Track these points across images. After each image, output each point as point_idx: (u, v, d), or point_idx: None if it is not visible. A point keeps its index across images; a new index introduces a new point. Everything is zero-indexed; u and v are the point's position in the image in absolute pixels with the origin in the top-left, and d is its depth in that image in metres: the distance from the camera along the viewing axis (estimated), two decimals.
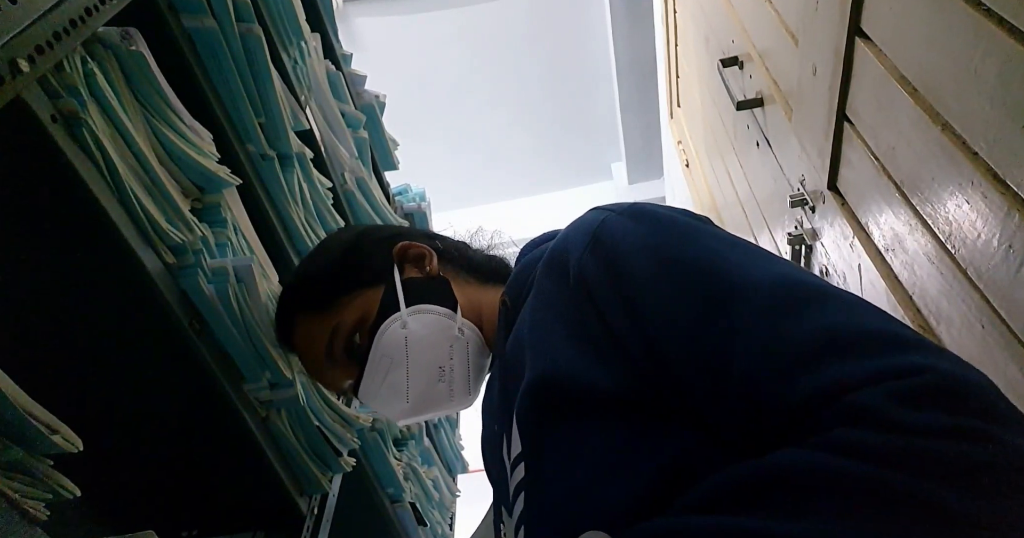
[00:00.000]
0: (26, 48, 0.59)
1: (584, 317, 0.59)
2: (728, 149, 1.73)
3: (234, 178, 0.93)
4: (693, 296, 0.53)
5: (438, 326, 0.76)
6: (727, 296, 0.51)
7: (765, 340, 0.48)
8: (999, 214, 0.63)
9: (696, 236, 0.59)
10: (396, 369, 0.75)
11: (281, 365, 0.92)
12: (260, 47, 1.02)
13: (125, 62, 0.77)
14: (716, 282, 0.52)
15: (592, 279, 0.59)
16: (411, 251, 0.81)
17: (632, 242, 0.59)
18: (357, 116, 1.56)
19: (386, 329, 0.75)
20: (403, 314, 0.75)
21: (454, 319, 0.76)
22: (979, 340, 0.71)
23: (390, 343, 0.75)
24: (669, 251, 0.57)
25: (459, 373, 0.76)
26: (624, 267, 0.57)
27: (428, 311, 0.76)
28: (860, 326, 0.46)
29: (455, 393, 0.77)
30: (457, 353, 0.76)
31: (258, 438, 0.90)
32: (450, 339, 0.76)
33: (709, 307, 0.51)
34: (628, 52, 3.75)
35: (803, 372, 0.45)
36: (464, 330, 0.77)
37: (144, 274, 0.73)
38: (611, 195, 4.31)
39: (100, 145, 0.69)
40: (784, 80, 1.22)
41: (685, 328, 0.52)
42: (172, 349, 0.80)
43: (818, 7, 0.98)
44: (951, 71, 0.69)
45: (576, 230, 0.65)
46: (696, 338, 0.51)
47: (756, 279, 0.52)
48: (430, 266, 0.80)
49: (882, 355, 0.44)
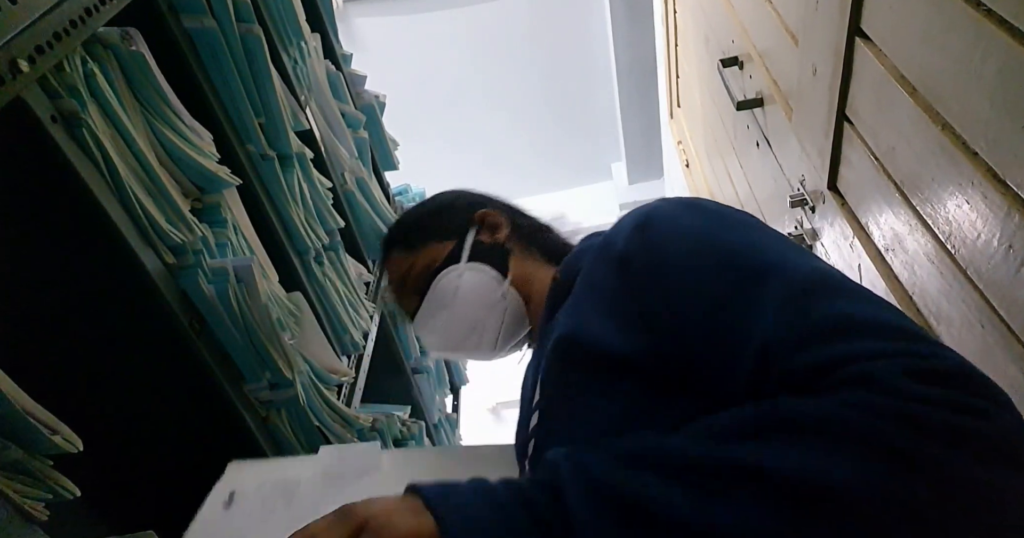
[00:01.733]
0: (26, 48, 0.59)
1: (617, 290, 0.64)
2: (728, 149, 1.73)
3: (234, 178, 0.93)
4: (729, 271, 0.56)
5: (486, 286, 0.85)
6: (763, 273, 0.54)
7: (791, 315, 0.50)
8: (999, 214, 0.63)
9: (742, 226, 0.63)
10: (443, 311, 0.86)
11: (281, 365, 0.92)
12: (260, 47, 1.02)
13: (125, 62, 0.77)
14: (754, 261, 0.56)
15: (634, 255, 0.63)
16: (489, 219, 0.91)
17: (680, 224, 0.63)
18: (357, 116, 1.56)
19: (444, 276, 0.86)
20: (460, 267, 0.86)
21: (501, 284, 0.86)
22: (979, 340, 0.71)
23: (444, 288, 0.86)
24: (713, 233, 0.61)
25: (491, 330, 0.86)
26: (667, 244, 0.62)
27: (482, 271, 0.86)
28: (881, 318, 0.49)
29: (482, 345, 0.87)
30: (495, 313, 0.85)
31: (258, 438, 0.90)
32: (493, 299, 0.85)
33: (743, 280, 0.55)
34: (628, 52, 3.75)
35: (820, 343, 0.48)
36: (507, 296, 0.86)
37: (144, 274, 0.73)
38: (611, 195, 4.31)
39: (100, 145, 0.69)
40: (784, 80, 1.22)
41: (716, 297, 0.55)
42: (172, 349, 0.80)
43: (818, 7, 0.98)
44: (951, 71, 0.69)
45: (631, 215, 0.69)
46: (725, 306, 0.54)
47: (794, 264, 0.55)
48: (500, 235, 0.89)
49: (896, 340, 0.47)
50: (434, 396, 1.96)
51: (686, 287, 0.58)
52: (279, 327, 0.93)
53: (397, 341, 1.71)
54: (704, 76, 1.88)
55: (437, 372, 1.99)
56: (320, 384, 1.10)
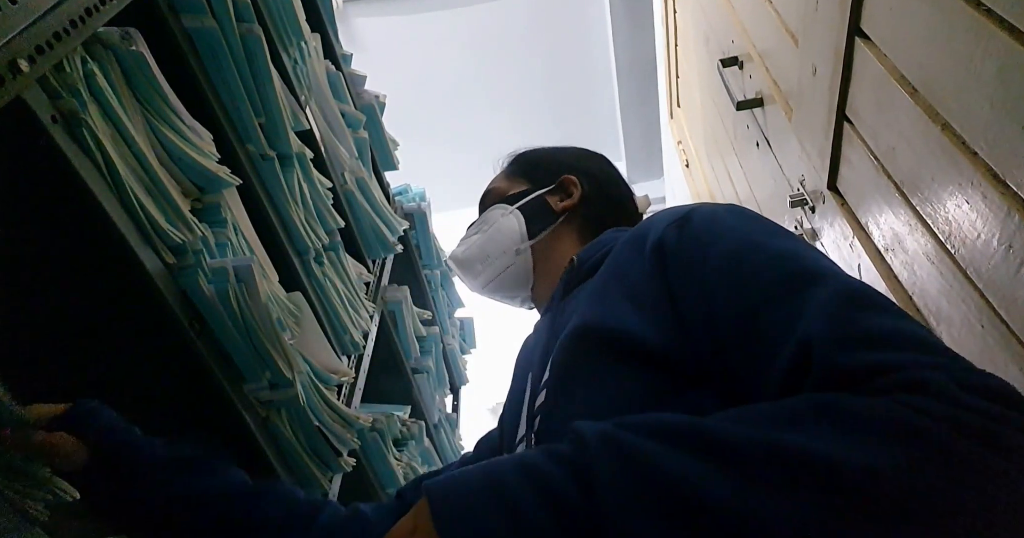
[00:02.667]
0: (26, 48, 0.59)
1: (649, 281, 0.64)
2: (728, 149, 1.73)
3: (234, 178, 0.93)
4: (774, 272, 0.56)
5: (510, 235, 0.94)
6: (810, 278, 0.54)
7: (839, 319, 0.50)
8: (999, 214, 0.63)
9: (783, 233, 0.63)
10: (478, 233, 0.97)
11: (281, 365, 0.92)
12: (260, 47, 1.02)
13: (125, 62, 0.77)
14: (799, 266, 0.56)
15: (672, 247, 0.64)
16: (567, 186, 0.97)
17: (722, 223, 0.64)
18: (357, 116, 1.56)
19: (497, 208, 0.97)
20: (509, 209, 0.95)
21: (524, 241, 0.93)
22: (979, 340, 0.71)
23: (488, 217, 0.97)
24: (757, 236, 0.61)
25: (490, 270, 0.95)
26: (709, 240, 0.62)
27: (518, 221, 0.95)
28: (929, 337, 0.49)
29: (477, 277, 0.96)
30: (502, 260, 0.94)
31: (258, 438, 0.90)
32: (507, 248, 0.94)
33: (789, 282, 0.55)
34: (628, 52, 3.75)
35: (871, 348, 0.48)
36: (521, 254, 0.93)
37: (144, 274, 0.73)
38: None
39: (100, 145, 0.68)
40: (784, 80, 1.22)
41: (760, 296, 0.55)
42: (172, 349, 0.80)
43: (818, 7, 0.98)
44: (951, 71, 0.69)
45: (668, 211, 0.70)
46: (768, 305, 0.55)
47: (839, 275, 0.55)
48: (563, 204, 0.95)
49: (944, 357, 0.47)
50: (434, 396, 1.96)
51: (729, 283, 0.58)
52: (279, 327, 0.93)
53: (397, 341, 1.71)
54: (704, 76, 1.88)
55: (437, 372, 1.99)
56: (320, 384, 1.10)
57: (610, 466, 0.45)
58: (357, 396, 1.30)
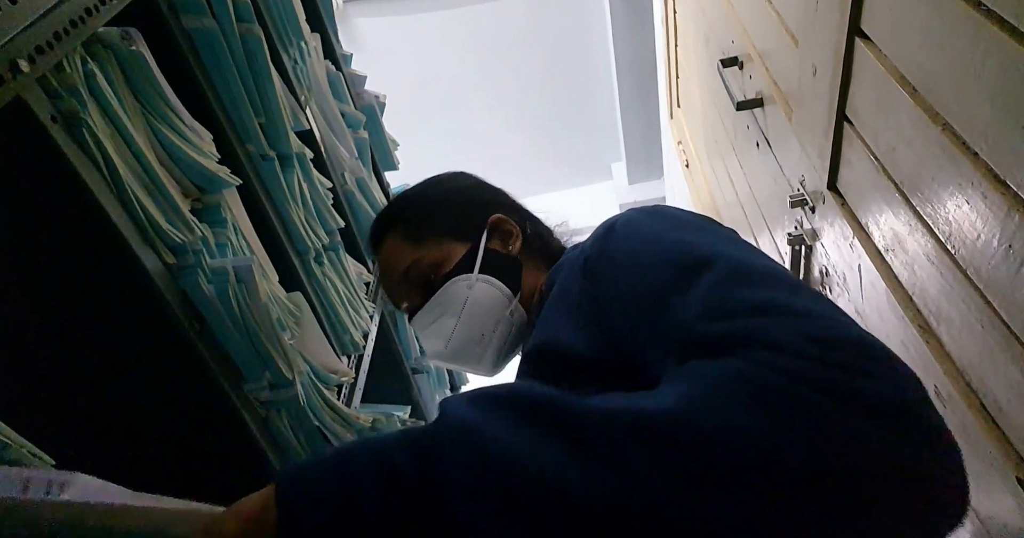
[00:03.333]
0: (26, 48, 0.59)
1: (580, 295, 0.66)
2: (728, 149, 1.73)
3: (234, 178, 0.93)
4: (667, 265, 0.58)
5: (495, 301, 0.85)
6: (698, 266, 0.56)
7: (716, 296, 0.52)
8: (999, 214, 0.63)
9: (692, 227, 0.64)
10: (448, 318, 0.85)
11: (281, 365, 0.92)
12: (260, 47, 1.02)
13: (125, 62, 0.77)
14: (691, 255, 0.57)
15: (594, 260, 0.66)
16: (504, 226, 0.89)
17: (636, 228, 0.66)
18: (357, 116, 1.56)
19: (455, 283, 0.85)
20: (473, 278, 0.85)
21: (511, 301, 0.85)
22: (979, 340, 0.71)
23: (453, 295, 0.85)
24: (661, 234, 0.63)
25: (495, 346, 0.86)
26: (621, 246, 0.64)
27: (493, 285, 0.85)
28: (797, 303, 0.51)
29: (483, 360, 0.87)
30: (500, 329, 0.85)
31: (258, 438, 0.90)
32: (500, 316, 0.85)
33: (680, 273, 0.57)
34: (628, 52, 3.75)
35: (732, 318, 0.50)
36: (515, 314, 0.86)
37: (144, 274, 0.73)
38: (611, 195, 4.31)
39: (100, 145, 0.68)
40: (784, 80, 1.22)
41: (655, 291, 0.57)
42: (172, 349, 0.80)
43: (818, 7, 0.98)
44: (951, 71, 0.69)
45: (601, 224, 0.72)
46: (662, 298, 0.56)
47: (728, 256, 0.56)
48: (512, 246, 0.89)
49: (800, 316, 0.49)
50: (434, 396, 1.95)
51: (630, 283, 0.60)
52: (279, 327, 0.93)
53: (397, 341, 1.71)
54: (704, 76, 1.88)
55: (437, 372, 1.99)
56: (320, 384, 1.10)
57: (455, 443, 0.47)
58: (357, 396, 1.30)
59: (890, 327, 0.90)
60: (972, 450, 0.75)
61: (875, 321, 0.95)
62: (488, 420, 0.48)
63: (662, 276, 0.58)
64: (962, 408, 0.75)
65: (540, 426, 0.46)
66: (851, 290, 1.03)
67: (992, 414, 0.71)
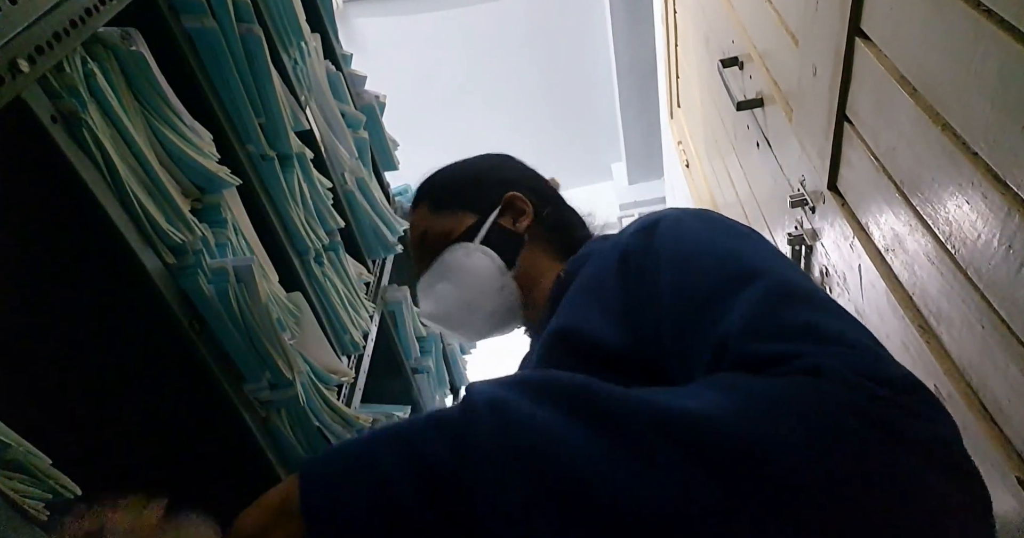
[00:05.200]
0: (26, 48, 0.59)
1: (614, 287, 0.65)
2: (728, 149, 1.73)
3: (234, 178, 0.93)
4: (714, 273, 0.58)
5: (488, 273, 0.86)
6: (746, 278, 0.55)
7: (760, 315, 0.52)
8: (999, 214, 0.63)
9: (740, 236, 0.64)
10: (444, 283, 0.88)
11: (281, 365, 0.92)
12: (260, 47, 1.02)
13: (125, 62, 0.77)
14: (739, 267, 0.57)
15: (634, 255, 0.65)
16: (517, 204, 0.90)
17: (682, 229, 0.65)
18: (357, 116, 1.55)
19: (455, 249, 0.88)
20: (471, 247, 0.87)
21: (504, 275, 0.86)
22: (979, 340, 0.71)
23: (450, 261, 0.88)
24: (709, 239, 0.63)
25: (480, 315, 0.87)
26: (666, 245, 0.63)
27: (489, 257, 0.86)
28: (846, 332, 0.50)
29: (467, 327, 0.89)
30: (489, 301, 0.86)
31: (258, 438, 0.90)
32: (491, 288, 0.86)
33: (726, 283, 0.56)
34: (628, 52, 3.75)
35: (781, 340, 0.50)
36: (506, 289, 0.87)
37: (144, 274, 0.73)
38: (611, 195, 4.31)
39: (100, 145, 0.68)
40: (784, 80, 1.22)
41: (698, 297, 0.57)
42: (172, 349, 0.80)
43: (818, 7, 0.98)
44: (951, 71, 0.69)
45: (641, 219, 0.71)
46: (704, 306, 0.56)
47: (778, 273, 0.56)
48: (521, 224, 0.89)
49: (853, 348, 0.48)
50: (434, 396, 1.95)
51: (676, 286, 0.59)
52: (279, 327, 0.93)
53: (397, 341, 1.70)
54: (704, 76, 1.88)
55: (437, 372, 1.99)
56: (320, 384, 1.10)
57: (489, 434, 0.46)
58: (357, 396, 1.30)
59: (890, 327, 0.90)
60: (972, 450, 0.74)
61: (875, 321, 0.95)
62: (525, 404, 0.46)
63: (708, 283, 0.57)
64: (962, 408, 0.75)
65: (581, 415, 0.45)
66: (851, 290, 1.03)
67: (992, 414, 0.71)
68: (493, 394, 0.48)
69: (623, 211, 4.23)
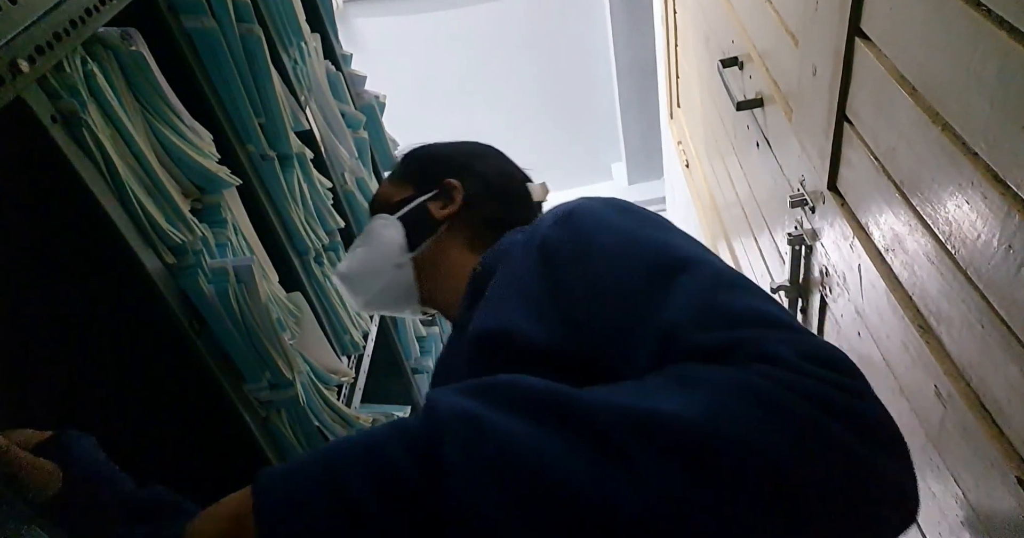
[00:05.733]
0: (26, 48, 0.59)
1: (535, 280, 0.65)
2: (728, 149, 1.73)
3: (234, 178, 0.93)
4: (647, 264, 0.58)
5: (390, 248, 0.89)
6: (678, 267, 0.57)
7: (700, 303, 0.53)
8: (999, 214, 0.63)
9: (660, 226, 0.65)
10: (362, 246, 0.92)
11: (281, 365, 0.92)
12: (260, 47, 1.02)
13: (125, 62, 0.77)
14: (670, 256, 0.58)
15: (553, 247, 0.65)
16: (451, 191, 0.91)
17: (603, 218, 0.65)
18: (357, 116, 1.56)
19: (379, 218, 0.91)
20: (390, 219, 0.90)
21: (403, 254, 0.88)
22: (979, 340, 0.71)
23: (369, 228, 0.92)
24: (634, 229, 0.63)
25: (374, 287, 0.90)
26: (587, 239, 0.63)
27: (398, 233, 0.89)
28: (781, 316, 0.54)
29: (363, 294, 0.91)
30: (383, 275, 0.89)
31: (258, 438, 0.90)
32: (387, 263, 0.89)
33: (660, 273, 0.57)
34: (628, 52, 3.75)
35: (727, 328, 0.51)
36: (403, 268, 0.89)
37: (144, 274, 0.73)
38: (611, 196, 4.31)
39: (100, 145, 0.68)
40: (784, 80, 1.22)
41: (633, 288, 0.57)
42: (172, 349, 0.80)
43: (818, 7, 0.98)
44: (951, 71, 0.69)
45: (553, 210, 0.71)
46: (640, 296, 0.57)
47: (707, 262, 0.58)
48: (444, 211, 0.90)
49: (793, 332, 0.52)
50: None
51: (606, 277, 0.59)
52: (279, 327, 0.93)
53: (397, 341, 1.71)
54: (704, 76, 1.88)
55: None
56: (320, 384, 1.10)
57: (461, 449, 0.44)
58: (357, 396, 1.30)
59: (890, 327, 0.90)
60: (972, 450, 0.75)
61: (875, 321, 0.95)
62: (493, 415, 0.46)
63: (640, 274, 0.58)
64: (962, 408, 0.75)
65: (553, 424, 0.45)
66: (851, 290, 1.03)
67: (992, 414, 0.71)
68: (458, 406, 0.47)
69: None
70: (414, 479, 0.45)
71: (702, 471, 0.42)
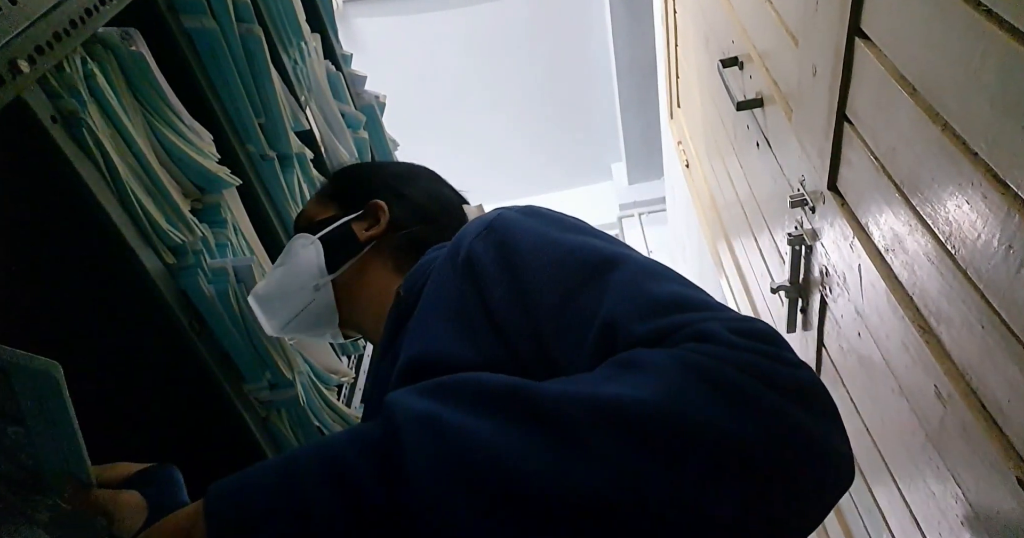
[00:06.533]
0: (26, 48, 0.59)
1: (463, 297, 0.64)
2: (728, 149, 1.73)
3: (234, 178, 0.93)
4: (573, 265, 0.60)
5: (308, 270, 0.86)
6: (604, 265, 0.59)
7: (631, 295, 0.56)
8: (999, 214, 0.63)
9: (577, 228, 0.66)
10: (280, 266, 0.89)
11: (281, 365, 0.92)
12: (260, 47, 1.02)
13: (125, 62, 0.77)
14: (594, 256, 0.60)
15: (479, 260, 0.64)
16: (376, 213, 0.89)
17: (523, 228, 0.65)
18: (357, 116, 1.56)
19: (300, 238, 0.88)
20: (310, 239, 0.87)
21: (322, 276, 0.86)
22: (979, 340, 0.71)
23: (289, 248, 0.89)
24: (554, 234, 0.64)
25: (287, 309, 0.86)
26: (512, 247, 0.64)
27: (317, 254, 0.87)
28: (707, 299, 0.57)
29: (275, 314, 0.87)
30: (300, 298, 0.86)
31: (258, 438, 0.90)
32: (305, 284, 0.86)
33: (588, 272, 0.59)
34: (628, 52, 3.75)
35: (660, 315, 0.54)
36: (321, 290, 0.86)
37: (144, 274, 0.73)
38: (611, 195, 4.31)
39: (100, 145, 0.69)
40: (784, 80, 1.22)
41: (564, 289, 0.59)
42: (172, 349, 0.80)
43: (818, 7, 0.98)
44: (951, 71, 0.69)
45: (472, 223, 0.70)
46: (573, 296, 0.58)
47: (629, 257, 0.60)
48: (368, 232, 0.88)
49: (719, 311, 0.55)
50: None
51: (535, 282, 0.60)
52: None
53: None
54: (704, 76, 1.88)
55: None
56: (320, 384, 1.10)
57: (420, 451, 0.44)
58: (357, 396, 1.30)
59: (890, 327, 0.90)
60: (972, 450, 0.75)
61: (875, 321, 0.95)
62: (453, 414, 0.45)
63: (571, 275, 0.59)
64: (962, 408, 0.75)
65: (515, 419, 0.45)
66: (851, 290, 1.03)
67: (992, 414, 0.71)
68: (417, 407, 0.46)
69: (623, 211, 4.23)
70: (375, 486, 0.44)
71: (656, 446, 0.44)
